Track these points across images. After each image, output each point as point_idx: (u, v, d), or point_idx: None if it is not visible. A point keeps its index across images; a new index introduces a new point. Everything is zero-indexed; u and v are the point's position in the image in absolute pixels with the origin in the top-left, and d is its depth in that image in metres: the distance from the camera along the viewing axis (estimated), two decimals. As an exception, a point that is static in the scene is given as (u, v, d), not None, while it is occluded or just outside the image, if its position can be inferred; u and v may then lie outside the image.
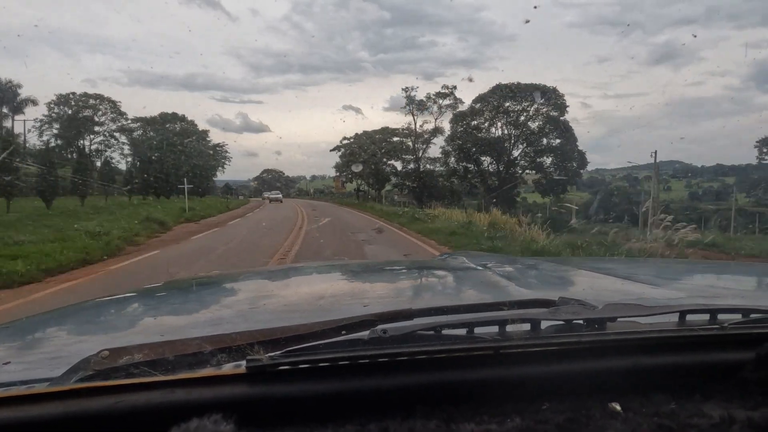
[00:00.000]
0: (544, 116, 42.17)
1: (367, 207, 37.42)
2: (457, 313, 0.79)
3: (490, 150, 43.13)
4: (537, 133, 42.46)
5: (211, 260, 10.26)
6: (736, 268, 2.49)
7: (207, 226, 19.02)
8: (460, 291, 1.54)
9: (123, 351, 0.67)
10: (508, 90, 42.01)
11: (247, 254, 11.22)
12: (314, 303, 1.32)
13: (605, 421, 0.62)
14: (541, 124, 42.07)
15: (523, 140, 43.42)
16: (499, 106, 42.66)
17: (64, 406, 0.59)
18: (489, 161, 45.12)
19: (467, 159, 43.57)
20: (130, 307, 1.45)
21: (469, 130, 43.52)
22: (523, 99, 41.64)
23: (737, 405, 0.64)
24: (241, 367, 0.65)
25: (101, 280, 8.42)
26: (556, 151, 42.24)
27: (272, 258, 10.44)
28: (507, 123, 44.14)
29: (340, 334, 0.71)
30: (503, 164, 44.00)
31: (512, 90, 41.55)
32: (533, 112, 42.20)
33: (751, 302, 1.00)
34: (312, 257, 10.55)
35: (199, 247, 12.89)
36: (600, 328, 0.72)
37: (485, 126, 45.05)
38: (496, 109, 42.80)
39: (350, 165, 52.78)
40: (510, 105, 43.18)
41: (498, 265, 1.73)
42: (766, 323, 0.74)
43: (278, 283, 1.79)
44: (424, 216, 23.83)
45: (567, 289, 1.46)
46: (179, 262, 9.83)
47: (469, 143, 43.46)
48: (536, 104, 39.97)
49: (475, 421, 0.62)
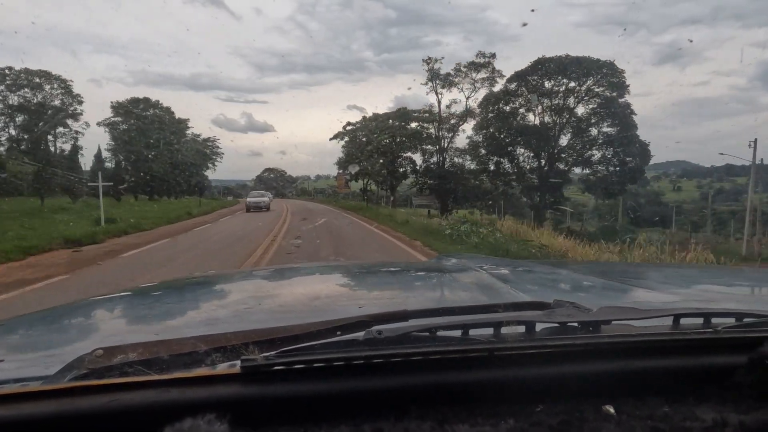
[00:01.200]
0: (600, 97, 31.27)
1: (380, 214, 29.50)
2: (452, 315, 0.83)
3: (531, 141, 32.07)
4: (587, 119, 31.58)
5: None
6: (730, 272, 2.56)
7: (85, 259, 11.73)
8: (456, 293, 1.56)
9: (117, 350, 0.71)
10: (555, 64, 31.18)
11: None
12: (309, 303, 1.38)
13: (599, 423, 0.63)
14: (595, 107, 31.19)
15: (571, 128, 32.57)
16: (540, 86, 31.75)
17: (57, 404, 0.61)
18: (526, 155, 34.02)
19: (500, 152, 32.76)
20: (124, 306, 1.48)
21: (504, 115, 32.63)
22: (572, 76, 30.78)
23: (730, 409, 0.66)
24: (235, 366, 0.67)
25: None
26: (614, 142, 35.68)
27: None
28: (551, 107, 33.09)
29: (335, 335, 0.75)
30: (546, 158, 33.00)
31: (560, 64, 30.75)
32: (586, 91, 31.21)
33: (745, 306, 1.07)
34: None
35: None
36: (594, 330, 0.77)
37: (521, 111, 34.29)
38: (536, 90, 31.67)
39: (354, 160, 40.27)
40: (554, 84, 32.13)
41: (493, 268, 1.76)
42: (759, 327, 0.79)
43: (274, 283, 1.83)
44: (488, 234, 16.40)
45: (562, 292, 1.52)
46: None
47: (503, 132, 32.58)
48: (583, 84, 29.70)
49: (469, 423, 0.63)
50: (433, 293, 1.67)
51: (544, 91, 36.89)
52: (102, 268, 10.66)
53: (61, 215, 21.91)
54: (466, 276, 1.72)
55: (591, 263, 5.24)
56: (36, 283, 8.91)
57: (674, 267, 4.31)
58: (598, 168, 36.48)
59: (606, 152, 35.86)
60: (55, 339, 1.16)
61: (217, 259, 11.81)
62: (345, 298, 1.51)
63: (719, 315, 0.83)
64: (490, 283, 1.54)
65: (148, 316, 1.33)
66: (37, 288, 8.60)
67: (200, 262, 11.12)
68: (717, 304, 1.27)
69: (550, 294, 1.21)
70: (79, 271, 10.15)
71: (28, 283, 8.84)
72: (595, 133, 36.37)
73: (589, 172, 37.52)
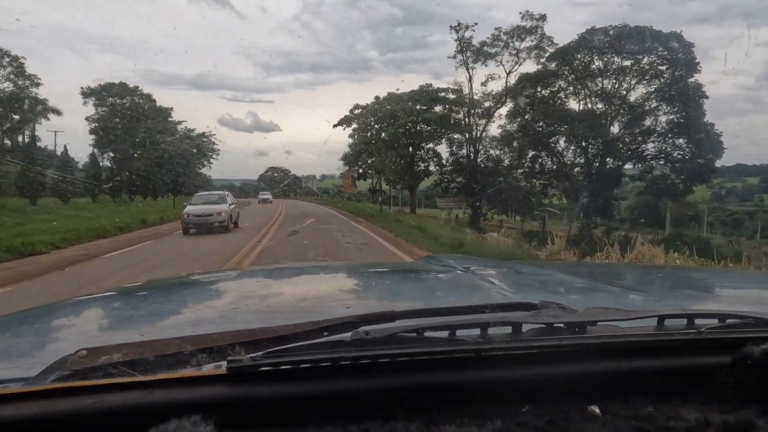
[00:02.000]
0: (662, 78, 23.92)
1: (404, 224, 19.42)
2: (439, 316, 0.87)
3: (578, 130, 24.64)
4: (642, 104, 24.42)
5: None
6: (714, 273, 2.72)
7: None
8: (443, 294, 1.60)
9: (101, 351, 0.73)
10: (611, 35, 23.84)
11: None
12: (297, 304, 1.40)
13: (584, 424, 0.67)
14: (656, 89, 24.03)
15: (626, 114, 25.44)
16: (589, 63, 24.59)
17: (39, 406, 0.61)
18: (568, 148, 26.94)
19: (538, 144, 25.63)
20: (109, 307, 1.51)
21: (543, 100, 25.45)
22: (628, 50, 23.68)
23: (713, 408, 0.70)
24: (221, 367, 0.70)
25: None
26: (682, 132, 28.73)
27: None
28: (599, 92, 25.86)
29: (323, 336, 0.79)
30: (595, 151, 25.70)
31: (617, 34, 23.49)
32: (644, 70, 23.98)
33: (727, 307, 1.12)
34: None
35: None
36: (580, 331, 0.81)
37: (561, 96, 27.21)
38: (586, 70, 24.43)
39: (364, 152, 32.32)
40: (607, 61, 24.80)
41: (481, 268, 1.82)
42: (741, 328, 0.83)
43: (260, 283, 1.84)
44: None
45: (548, 293, 1.55)
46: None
47: (541, 120, 25.35)
48: (640, 62, 22.75)
49: (455, 424, 0.67)
50: (421, 294, 1.66)
51: (590, 72, 29.96)
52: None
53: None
54: (454, 277, 1.75)
55: (576, 264, 5.47)
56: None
57: (659, 268, 4.33)
58: (658, 164, 29.59)
59: (667, 144, 28.86)
60: (37, 340, 1.18)
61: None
62: (332, 299, 1.51)
63: (703, 316, 0.87)
64: (477, 283, 1.58)
65: (133, 316, 1.36)
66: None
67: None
68: (701, 305, 1.31)
69: (536, 295, 1.23)
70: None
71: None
72: (654, 122, 29.45)
73: (642, 168, 30.63)
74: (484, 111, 32.08)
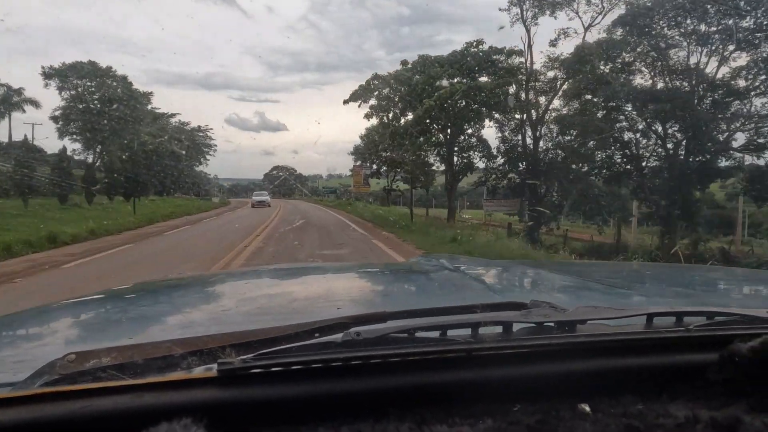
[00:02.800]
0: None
1: (464, 243, 11.60)
2: (430, 316, 0.91)
3: (660, 113, 16.98)
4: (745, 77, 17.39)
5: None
6: (702, 271, 2.67)
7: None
8: (434, 293, 1.59)
9: (90, 354, 0.73)
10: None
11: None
12: (287, 306, 1.42)
13: (575, 422, 0.69)
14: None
15: (719, 95, 17.91)
16: (661, 30, 17.16)
17: (27, 411, 0.62)
18: (637, 138, 19.52)
19: (601, 133, 18.32)
20: (97, 310, 1.53)
21: (604, 77, 18.10)
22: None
23: (702, 405, 0.73)
24: (212, 370, 0.71)
25: None
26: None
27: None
28: (675, 67, 18.29)
29: (313, 337, 0.81)
30: (689, 140, 18.09)
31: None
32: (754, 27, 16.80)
33: (715, 305, 1.15)
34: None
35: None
36: (570, 330, 0.84)
37: (626, 72, 19.66)
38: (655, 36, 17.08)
39: (384, 140, 24.11)
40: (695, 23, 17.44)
41: (471, 268, 1.82)
42: (729, 326, 0.87)
43: (251, 285, 1.84)
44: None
45: (538, 292, 1.56)
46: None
47: (603, 101, 18.01)
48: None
49: (447, 423, 0.70)
50: (412, 294, 1.65)
51: (668, 41, 23.07)
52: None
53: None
54: (445, 276, 1.73)
55: (566, 263, 5.16)
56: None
57: (648, 266, 4.33)
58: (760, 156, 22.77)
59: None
60: (24, 344, 1.21)
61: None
62: (323, 300, 1.50)
63: (691, 314, 0.90)
64: (468, 283, 1.59)
65: (122, 319, 1.38)
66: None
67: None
68: (689, 303, 1.33)
69: (526, 294, 1.27)
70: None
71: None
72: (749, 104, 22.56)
73: (735, 162, 23.88)
74: (549, 84, 23.34)
